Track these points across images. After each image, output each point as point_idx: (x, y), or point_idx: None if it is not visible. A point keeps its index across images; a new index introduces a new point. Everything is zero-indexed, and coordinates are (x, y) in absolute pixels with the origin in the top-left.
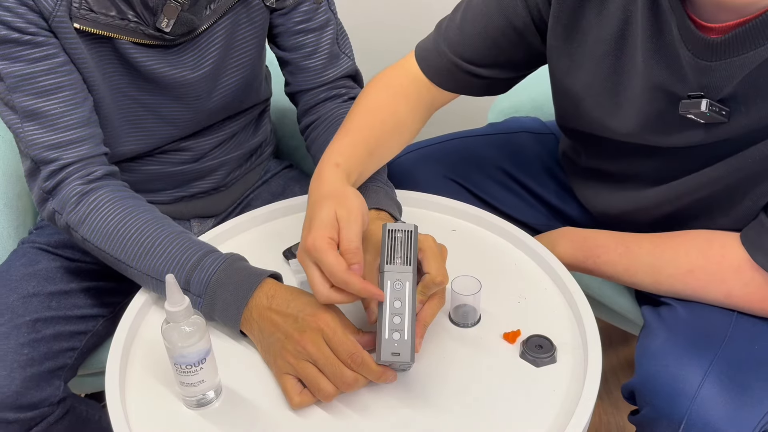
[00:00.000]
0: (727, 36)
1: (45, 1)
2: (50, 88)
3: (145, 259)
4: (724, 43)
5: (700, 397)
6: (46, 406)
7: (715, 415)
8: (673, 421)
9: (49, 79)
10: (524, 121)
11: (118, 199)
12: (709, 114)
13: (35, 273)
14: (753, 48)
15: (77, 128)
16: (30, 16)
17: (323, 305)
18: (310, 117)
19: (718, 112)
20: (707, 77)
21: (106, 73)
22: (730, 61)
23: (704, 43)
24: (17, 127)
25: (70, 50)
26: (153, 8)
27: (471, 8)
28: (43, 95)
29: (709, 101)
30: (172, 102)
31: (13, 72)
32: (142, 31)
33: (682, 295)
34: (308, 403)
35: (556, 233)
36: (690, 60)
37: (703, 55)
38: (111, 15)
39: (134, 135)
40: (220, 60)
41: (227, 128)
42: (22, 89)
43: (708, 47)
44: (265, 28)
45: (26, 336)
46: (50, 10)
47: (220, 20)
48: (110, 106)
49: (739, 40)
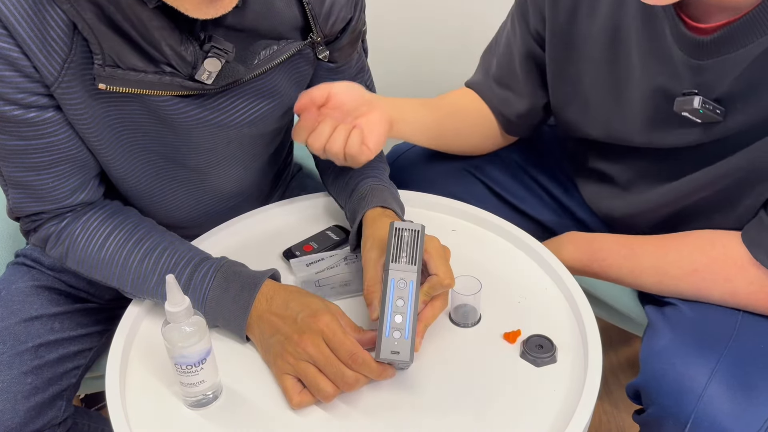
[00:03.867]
0: (716, 35)
1: (48, 67)
2: (43, 165)
3: (137, 283)
4: (713, 42)
5: (707, 396)
6: (48, 429)
7: (721, 414)
8: (679, 420)
9: (44, 156)
10: None
11: (95, 226)
12: (702, 111)
13: (37, 293)
14: (742, 46)
15: (68, 197)
16: (27, 86)
17: (322, 306)
18: None
19: (712, 111)
20: (700, 76)
21: (124, 132)
22: (721, 59)
23: (694, 42)
24: (1, 184)
25: (74, 116)
26: (191, 62)
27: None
28: (34, 170)
29: (702, 98)
30: (200, 152)
31: (3, 143)
32: (178, 83)
33: (687, 296)
34: (308, 403)
35: (560, 238)
36: (683, 59)
37: (694, 54)
38: (141, 70)
39: (153, 186)
40: (264, 108)
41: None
42: (11, 161)
43: (698, 46)
44: (309, 77)
45: (29, 363)
46: (55, 75)
47: (271, 70)
48: (124, 165)
49: (728, 38)
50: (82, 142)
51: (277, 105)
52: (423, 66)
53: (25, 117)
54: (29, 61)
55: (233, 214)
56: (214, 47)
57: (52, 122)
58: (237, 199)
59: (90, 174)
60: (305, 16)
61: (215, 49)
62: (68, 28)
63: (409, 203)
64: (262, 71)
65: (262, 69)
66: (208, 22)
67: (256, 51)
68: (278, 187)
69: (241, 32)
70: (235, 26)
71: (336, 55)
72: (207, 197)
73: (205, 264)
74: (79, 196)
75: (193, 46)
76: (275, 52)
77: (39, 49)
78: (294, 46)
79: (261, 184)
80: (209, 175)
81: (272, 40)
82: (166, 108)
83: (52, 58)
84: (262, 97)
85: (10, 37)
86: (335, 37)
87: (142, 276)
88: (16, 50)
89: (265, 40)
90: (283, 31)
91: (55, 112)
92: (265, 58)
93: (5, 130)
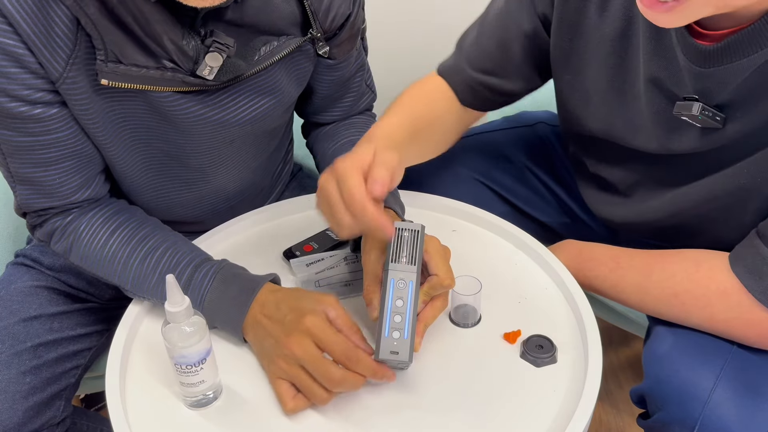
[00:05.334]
0: (720, 44)
1: (54, 63)
2: (50, 161)
3: (137, 282)
4: (717, 51)
5: (713, 401)
6: (46, 429)
7: (728, 419)
8: (686, 426)
9: (50, 152)
10: (538, 114)
11: (99, 223)
12: (701, 117)
13: (36, 293)
14: (745, 56)
15: (75, 193)
16: (33, 82)
17: (312, 306)
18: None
19: (711, 117)
20: (702, 83)
21: (127, 128)
22: (723, 68)
23: (698, 50)
24: (9, 181)
25: (79, 112)
26: (193, 57)
27: (486, 23)
28: (41, 166)
29: (702, 105)
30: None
31: (10, 139)
32: (180, 79)
33: (666, 317)
34: (302, 407)
35: (556, 246)
36: (686, 64)
37: (697, 61)
38: (143, 65)
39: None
40: (265, 104)
41: (255, 161)
42: (18, 157)
43: (702, 54)
44: (309, 73)
45: (28, 363)
46: (60, 71)
47: (271, 66)
48: (127, 161)
49: (732, 48)
50: (87, 138)
51: (277, 102)
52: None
53: (31, 113)
54: (34, 58)
55: (234, 213)
56: (216, 42)
57: (57, 118)
58: (237, 198)
59: (95, 170)
60: (304, 12)
61: (216, 44)
62: (72, 24)
63: (409, 203)
64: (262, 67)
65: (263, 65)
66: (208, 18)
67: (256, 47)
68: (278, 187)
69: (240, 28)
70: (235, 21)
71: (335, 52)
72: (208, 195)
73: (206, 265)
74: (85, 193)
75: (195, 41)
76: (275, 48)
77: (44, 45)
78: (294, 42)
79: (261, 183)
80: (211, 174)
81: (272, 36)
82: (168, 104)
83: (57, 54)
84: (263, 94)
85: (15, 34)
86: (334, 33)
87: (143, 275)
88: (22, 47)
89: (265, 36)
90: (282, 27)
91: (60, 108)
92: (266, 54)
93: (12, 127)
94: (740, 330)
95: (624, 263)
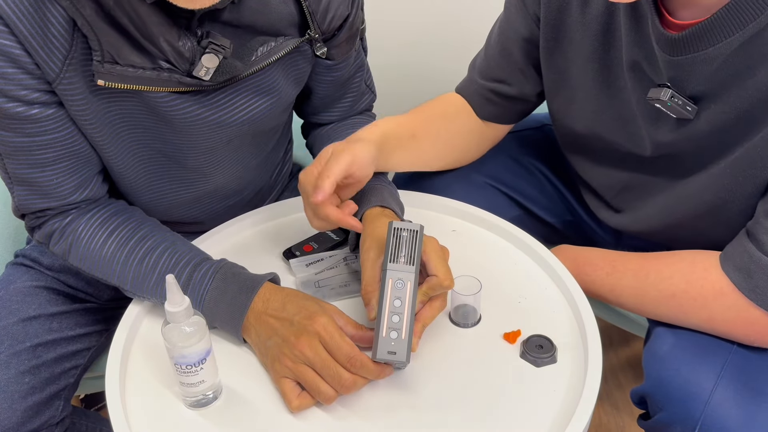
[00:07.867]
0: (685, 32)
1: (50, 63)
2: (47, 162)
3: (136, 282)
4: (682, 39)
5: (714, 401)
6: (45, 428)
7: (729, 418)
8: (687, 426)
9: (47, 153)
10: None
11: (98, 224)
12: (671, 104)
13: (36, 293)
14: (711, 44)
15: (73, 194)
16: (30, 83)
17: (318, 308)
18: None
19: (682, 106)
20: (673, 70)
21: (124, 128)
22: (691, 57)
23: (666, 38)
24: (6, 182)
25: (76, 112)
26: (189, 58)
27: (491, 37)
28: (38, 166)
29: (672, 92)
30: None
31: (7, 140)
32: (176, 79)
33: (665, 319)
34: (307, 405)
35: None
36: (659, 53)
37: (667, 49)
38: (139, 66)
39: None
40: (262, 105)
41: (253, 160)
42: (15, 157)
43: (670, 42)
44: (307, 74)
45: (27, 363)
46: (57, 72)
47: (269, 67)
48: (125, 161)
49: (697, 37)
50: (84, 139)
51: (275, 102)
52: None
53: (28, 114)
54: (31, 58)
55: (233, 213)
56: (212, 43)
57: (54, 119)
58: (236, 198)
59: (93, 171)
60: (302, 13)
61: (213, 45)
62: (68, 25)
63: (409, 203)
64: (259, 68)
65: (260, 65)
66: (205, 18)
67: (253, 47)
68: (277, 187)
69: (237, 28)
70: (232, 22)
71: (333, 52)
72: (207, 195)
73: (205, 265)
74: (83, 193)
75: (191, 42)
76: (273, 49)
77: (40, 45)
78: (291, 42)
79: (260, 182)
80: (209, 174)
81: (269, 37)
82: (165, 105)
83: (53, 54)
84: (260, 95)
85: (11, 35)
86: (333, 34)
87: (142, 275)
88: (18, 47)
89: (263, 36)
90: (280, 28)
91: (57, 108)
92: (263, 54)
93: (9, 128)
94: (741, 330)
95: (620, 266)
